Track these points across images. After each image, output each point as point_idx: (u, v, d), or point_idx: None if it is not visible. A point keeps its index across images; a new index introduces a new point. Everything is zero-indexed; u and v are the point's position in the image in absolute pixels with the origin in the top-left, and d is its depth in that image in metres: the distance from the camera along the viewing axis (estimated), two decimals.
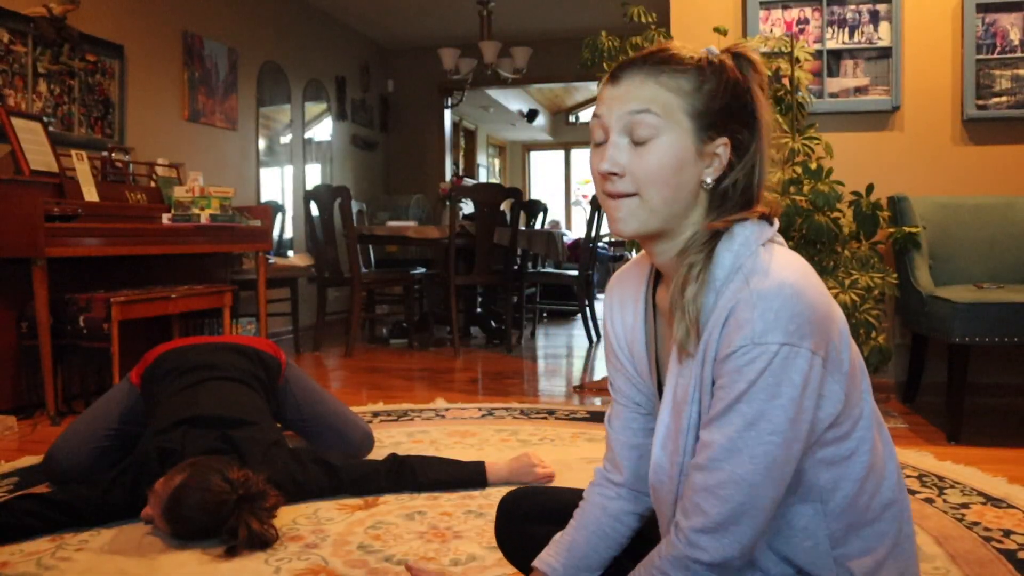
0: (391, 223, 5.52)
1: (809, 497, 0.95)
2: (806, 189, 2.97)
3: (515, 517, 1.33)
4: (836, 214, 2.98)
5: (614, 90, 0.97)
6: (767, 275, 0.89)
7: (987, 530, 1.84)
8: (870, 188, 3.00)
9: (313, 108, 6.52)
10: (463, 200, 5.41)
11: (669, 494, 1.00)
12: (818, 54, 3.39)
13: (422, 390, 3.70)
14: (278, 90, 5.98)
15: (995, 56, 3.32)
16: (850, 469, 0.96)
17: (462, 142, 10.50)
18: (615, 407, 1.15)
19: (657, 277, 1.09)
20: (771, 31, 3.43)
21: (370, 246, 5.71)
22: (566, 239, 6.94)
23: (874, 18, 3.40)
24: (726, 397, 0.89)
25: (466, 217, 5.34)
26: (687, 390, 0.96)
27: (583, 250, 5.69)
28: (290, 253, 5.77)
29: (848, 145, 3.39)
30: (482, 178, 11.21)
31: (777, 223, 0.99)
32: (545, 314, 7.03)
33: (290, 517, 1.92)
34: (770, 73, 3.19)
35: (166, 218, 3.63)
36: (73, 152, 3.47)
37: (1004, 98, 3.32)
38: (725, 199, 0.97)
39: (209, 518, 1.71)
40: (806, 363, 0.87)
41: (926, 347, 3.24)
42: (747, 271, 0.91)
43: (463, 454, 2.46)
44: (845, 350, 0.94)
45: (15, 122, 3.24)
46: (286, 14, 6.09)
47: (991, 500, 2.05)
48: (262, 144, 5.72)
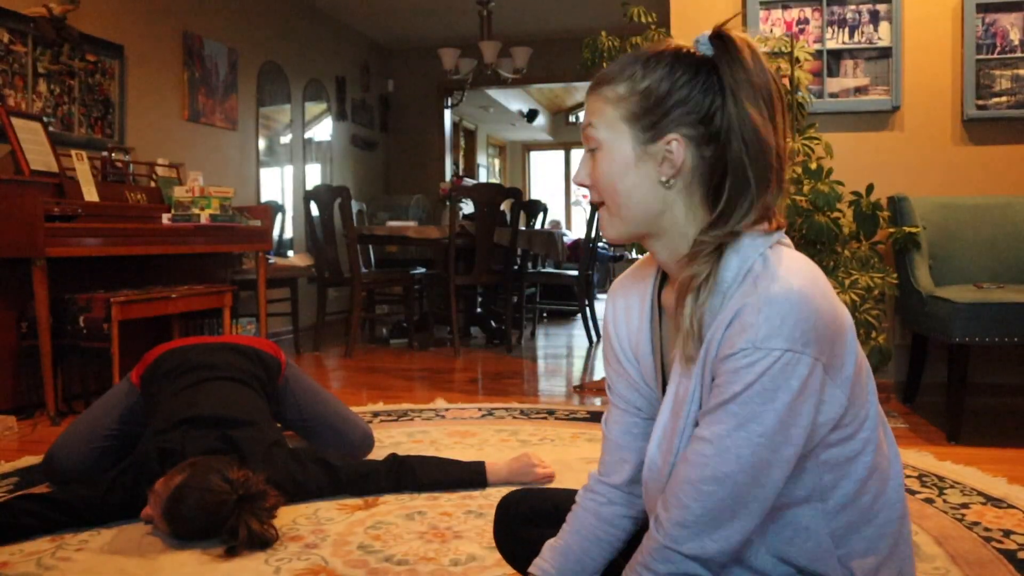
0: (391, 223, 5.52)
1: (811, 497, 0.95)
2: (806, 189, 2.97)
3: (514, 519, 1.33)
4: (836, 214, 2.98)
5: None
6: (775, 279, 0.89)
7: (987, 530, 1.84)
8: (870, 188, 3.00)
9: (313, 108, 6.52)
10: (463, 200, 5.41)
11: (659, 492, 1.00)
12: (818, 54, 3.39)
13: (422, 390, 3.70)
14: (278, 90, 5.98)
15: (995, 56, 3.32)
16: (853, 469, 0.96)
17: (462, 142, 10.50)
18: (613, 411, 1.15)
19: (664, 277, 1.09)
20: (771, 31, 3.43)
21: (370, 246, 5.71)
22: (566, 239, 6.94)
23: (874, 18, 3.40)
24: (720, 396, 0.89)
25: (466, 217, 5.34)
26: (688, 390, 0.96)
27: (583, 250, 5.69)
28: (290, 253, 5.77)
29: (848, 145, 3.39)
30: (482, 178, 11.21)
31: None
32: (545, 314, 7.03)
33: (290, 517, 1.92)
34: None
35: (166, 218, 3.63)
36: (73, 152, 3.47)
37: (1004, 98, 3.32)
38: (719, 193, 0.95)
39: (209, 518, 1.71)
40: (807, 370, 0.87)
41: (926, 347, 3.24)
42: (755, 274, 0.91)
43: (463, 454, 2.46)
44: (849, 354, 0.93)
45: (15, 122, 3.24)
46: (286, 14, 6.09)
47: (991, 500, 2.05)
48: (262, 144, 5.72)
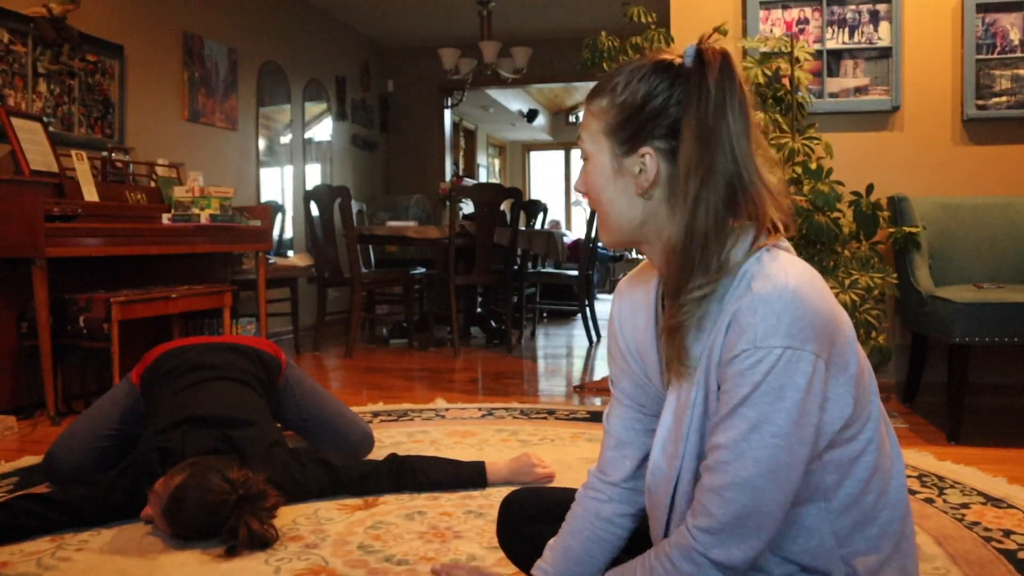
0: (391, 223, 5.52)
1: (814, 497, 0.96)
2: (806, 189, 2.97)
3: (517, 517, 1.33)
4: (836, 214, 2.98)
5: None
6: (769, 280, 0.89)
7: (987, 530, 1.84)
8: (870, 188, 3.00)
9: (313, 108, 6.52)
10: (463, 200, 5.41)
11: (665, 497, 1.00)
12: (818, 54, 3.39)
13: (422, 390, 3.70)
14: (278, 90, 5.98)
15: (995, 56, 3.32)
16: (856, 469, 0.96)
17: (462, 142, 10.50)
18: (617, 407, 1.15)
19: None
20: (771, 31, 3.43)
21: (370, 246, 5.71)
22: (566, 239, 6.94)
23: (874, 18, 3.40)
24: (730, 401, 0.90)
25: (466, 217, 5.34)
26: (690, 395, 0.96)
27: (583, 250, 5.69)
28: (290, 253, 5.77)
29: (848, 145, 3.39)
30: (482, 178, 11.21)
31: (781, 227, 0.99)
32: (545, 314, 7.03)
33: (290, 517, 1.92)
34: (770, 73, 3.19)
35: (166, 218, 3.63)
36: (73, 152, 3.47)
37: (1004, 98, 3.32)
38: (697, 205, 0.94)
39: (209, 518, 1.70)
40: (809, 366, 0.87)
41: (926, 347, 3.24)
42: (750, 276, 0.91)
43: (463, 454, 2.46)
44: (851, 353, 0.93)
45: (15, 122, 3.24)
46: (286, 14, 6.09)
47: (991, 500, 2.05)
48: (262, 144, 5.72)
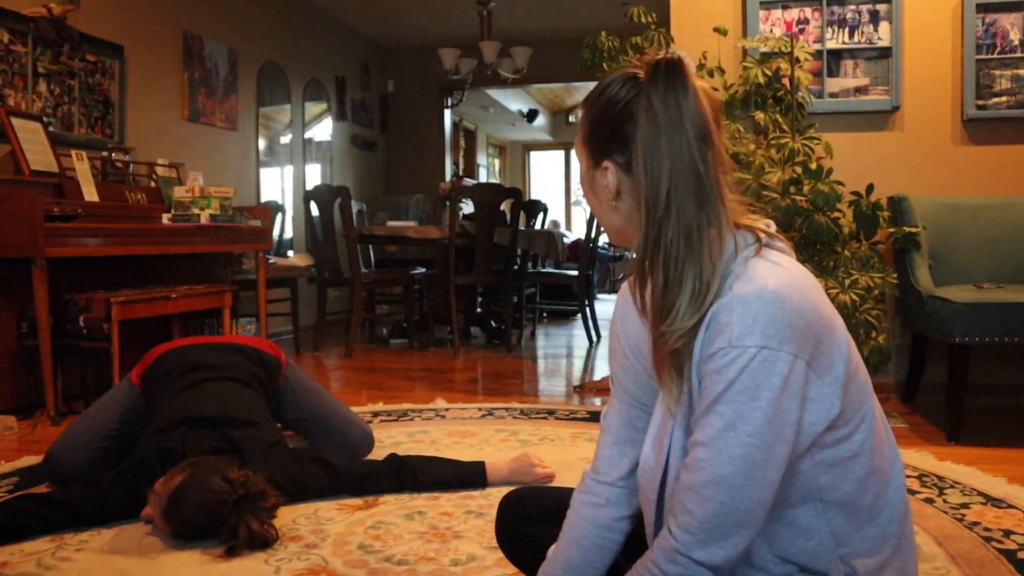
0: (391, 223, 5.52)
1: (809, 498, 0.96)
2: (806, 189, 2.97)
3: (516, 517, 1.33)
4: (836, 214, 2.98)
5: None
6: (751, 281, 0.90)
7: (987, 530, 1.84)
8: (870, 188, 3.00)
9: (313, 108, 6.52)
10: (463, 200, 5.41)
11: (652, 492, 1.01)
12: (818, 54, 3.39)
13: (422, 390, 3.70)
14: (278, 90, 5.98)
15: (995, 56, 3.32)
16: (851, 471, 0.96)
17: (462, 142, 10.50)
18: (616, 405, 1.15)
19: None
20: (771, 31, 3.43)
21: (370, 246, 5.71)
22: (566, 239, 6.94)
23: (874, 18, 3.40)
24: (707, 398, 0.91)
25: (466, 217, 5.34)
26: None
27: (583, 250, 5.69)
28: (290, 253, 5.77)
29: (848, 145, 3.39)
30: (482, 178, 11.21)
31: (768, 226, 0.99)
32: (545, 314, 7.03)
33: (290, 517, 1.92)
34: (770, 73, 3.19)
35: (166, 218, 3.63)
36: (73, 152, 3.47)
37: (1004, 98, 3.32)
38: (649, 218, 0.94)
39: (209, 518, 1.70)
40: (786, 366, 0.88)
41: (926, 347, 3.24)
42: (733, 278, 0.92)
43: (463, 454, 2.46)
44: (839, 355, 0.94)
45: (15, 122, 3.24)
46: (286, 14, 6.09)
47: (991, 500, 2.05)
48: (262, 144, 5.72)
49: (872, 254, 2.99)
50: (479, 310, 5.77)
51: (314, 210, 4.91)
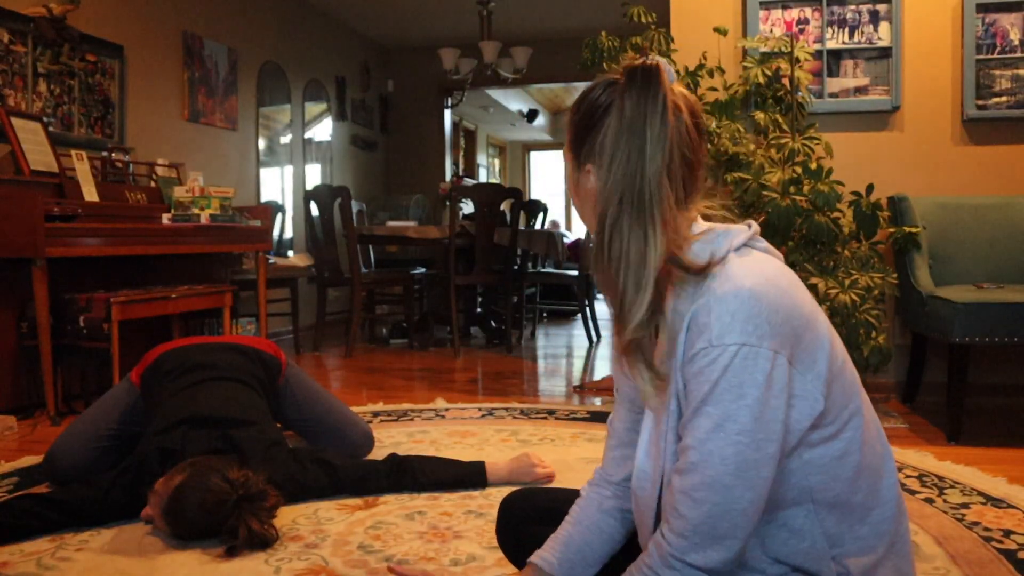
0: (391, 223, 5.52)
1: (801, 499, 0.96)
2: (806, 189, 2.97)
3: (516, 517, 1.33)
4: (836, 214, 2.98)
5: None
6: (728, 280, 0.91)
7: (987, 530, 1.84)
8: (870, 188, 3.00)
9: (313, 108, 6.52)
10: (463, 200, 5.41)
11: (651, 500, 1.01)
12: (818, 54, 3.39)
13: (422, 390, 3.70)
14: (278, 90, 5.98)
15: (995, 56, 3.32)
16: (841, 470, 0.96)
17: (462, 142, 10.50)
18: (619, 409, 1.16)
19: None
20: (771, 31, 3.43)
21: (370, 246, 5.71)
22: (566, 239, 6.93)
23: (874, 18, 3.40)
24: (694, 400, 0.91)
25: (466, 217, 5.34)
26: (665, 396, 0.97)
27: (583, 250, 5.69)
28: (290, 253, 5.77)
29: (848, 145, 3.39)
30: (482, 178, 11.21)
31: (749, 227, 1.00)
32: (545, 314, 7.03)
33: (290, 517, 1.92)
34: (770, 73, 3.19)
35: (166, 218, 3.63)
36: (73, 152, 3.47)
37: (1004, 98, 3.32)
38: (603, 223, 0.96)
39: (209, 518, 1.70)
40: (768, 362, 0.88)
41: (926, 347, 3.24)
42: (712, 278, 0.93)
43: (463, 454, 2.46)
44: (820, 351, 0.94)
45: (15, 122, 3.24)
46: (286, 14, 6.09)
47: (991, 500, 2.05)
48: (262, 144, 5.72)
49: (872, 254, 2.99)
50: (479, 310, 5.77)
51: (314, 210, 4.91)
